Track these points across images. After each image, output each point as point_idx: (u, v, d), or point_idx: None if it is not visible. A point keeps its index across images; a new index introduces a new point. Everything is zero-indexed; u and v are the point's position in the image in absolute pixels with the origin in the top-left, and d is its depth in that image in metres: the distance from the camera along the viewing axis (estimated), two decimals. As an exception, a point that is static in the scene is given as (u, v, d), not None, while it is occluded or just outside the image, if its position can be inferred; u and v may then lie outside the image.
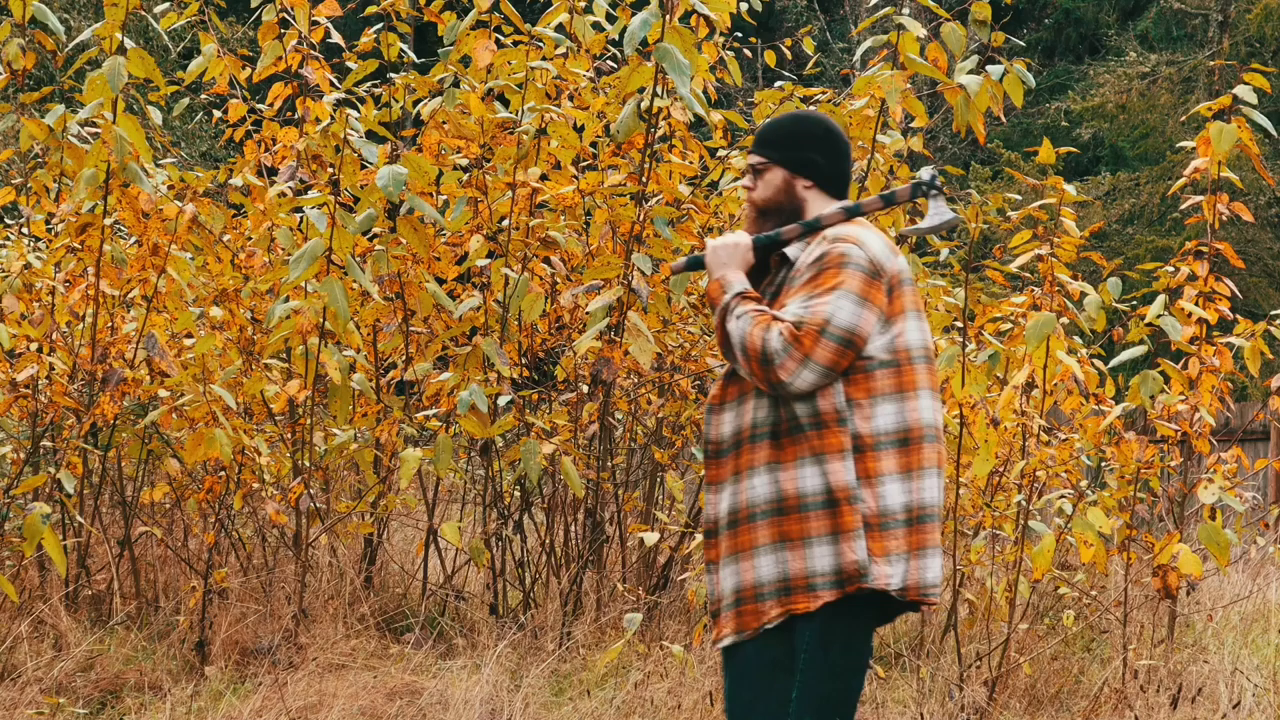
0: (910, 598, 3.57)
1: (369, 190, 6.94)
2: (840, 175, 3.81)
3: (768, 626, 3.55)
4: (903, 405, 3.60)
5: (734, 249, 3.71)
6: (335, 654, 6.47)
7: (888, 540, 3.53)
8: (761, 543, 3.55)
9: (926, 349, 3.68)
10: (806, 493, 3.52)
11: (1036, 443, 6.94)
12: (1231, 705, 6.22)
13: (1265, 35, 19.71)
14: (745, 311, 3.58)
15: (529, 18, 8.31)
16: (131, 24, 7.73)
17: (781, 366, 3.50)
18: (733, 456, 3.63)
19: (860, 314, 3.55)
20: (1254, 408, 13.50)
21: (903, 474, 3.57)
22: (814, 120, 3.83)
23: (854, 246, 3.60)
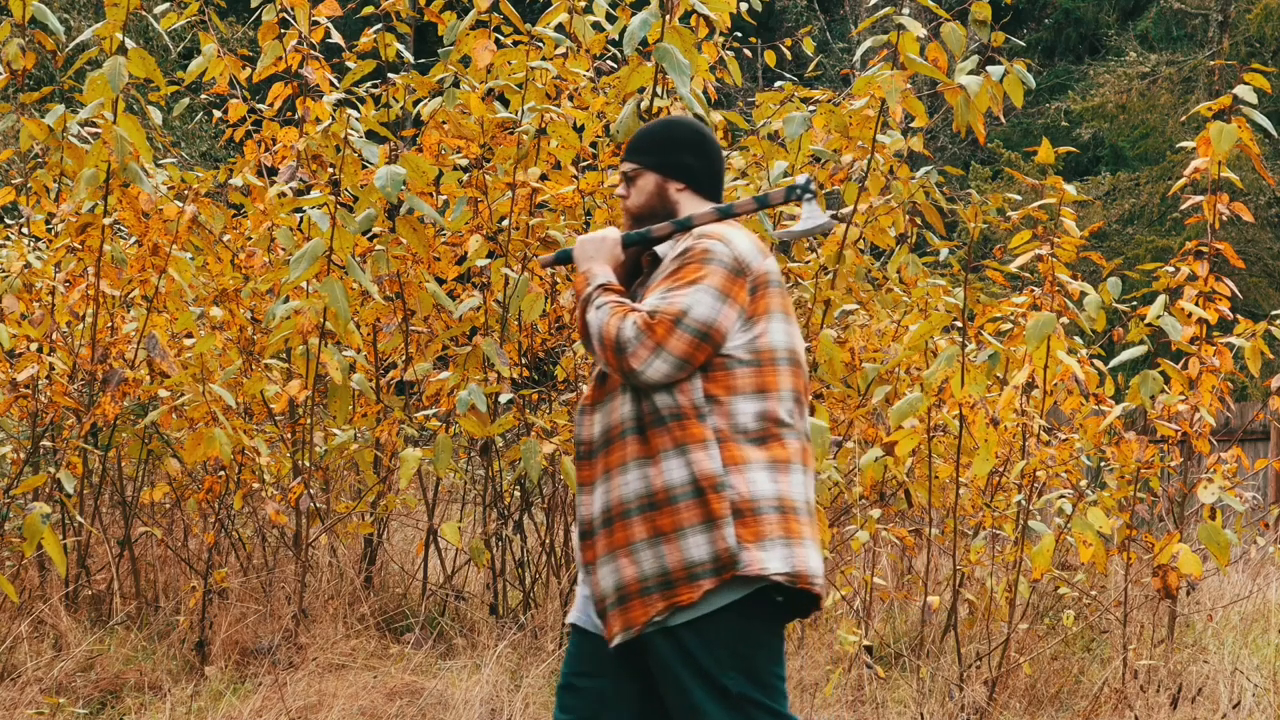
0: (801, 585, 3.55)
1: (369, 190, 6.94)
2: (713, 178, 3.83)
3: (655, 620, 3.53)
4: (764, 405, 3.59)
5: (601, 243, 3.73)
6: (335, 654, 6.47)
7: (760, 526, 3.52)
8: (638, 538, 3.54)
9: (791, 350, 3.67)
10: (674, 484, 3.51)
11: (1036, 443, 6.94)
12: (1231, 705, 6.22)
13: (1265, 35, 19.72)
14: (605, 302, 3.59)
15: (529, 18, 8.31)
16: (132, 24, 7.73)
17: (634, 354, 3.50)
18: (603, 455, 3.62)
19: (719, 309, 3.55)
20: (1254, 408, 13.51)
21: (770, 464, 3.57)
22: (685, 125, 3.85)
23: (719, 243, 3.61)
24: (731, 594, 3.52)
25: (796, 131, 6.86)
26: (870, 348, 7.90)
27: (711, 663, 3.52)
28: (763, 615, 3.57)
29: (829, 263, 7.36)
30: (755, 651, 3.56)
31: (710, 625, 3.52)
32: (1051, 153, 6.48)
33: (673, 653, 3.54)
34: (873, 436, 7.77)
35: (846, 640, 5.99)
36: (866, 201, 7.40)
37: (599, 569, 3.61)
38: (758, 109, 7.70)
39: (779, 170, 7.12)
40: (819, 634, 6.87)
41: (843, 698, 6.14)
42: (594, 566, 3.62)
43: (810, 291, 7.45)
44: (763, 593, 3.54)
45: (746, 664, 3.55)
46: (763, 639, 3.59)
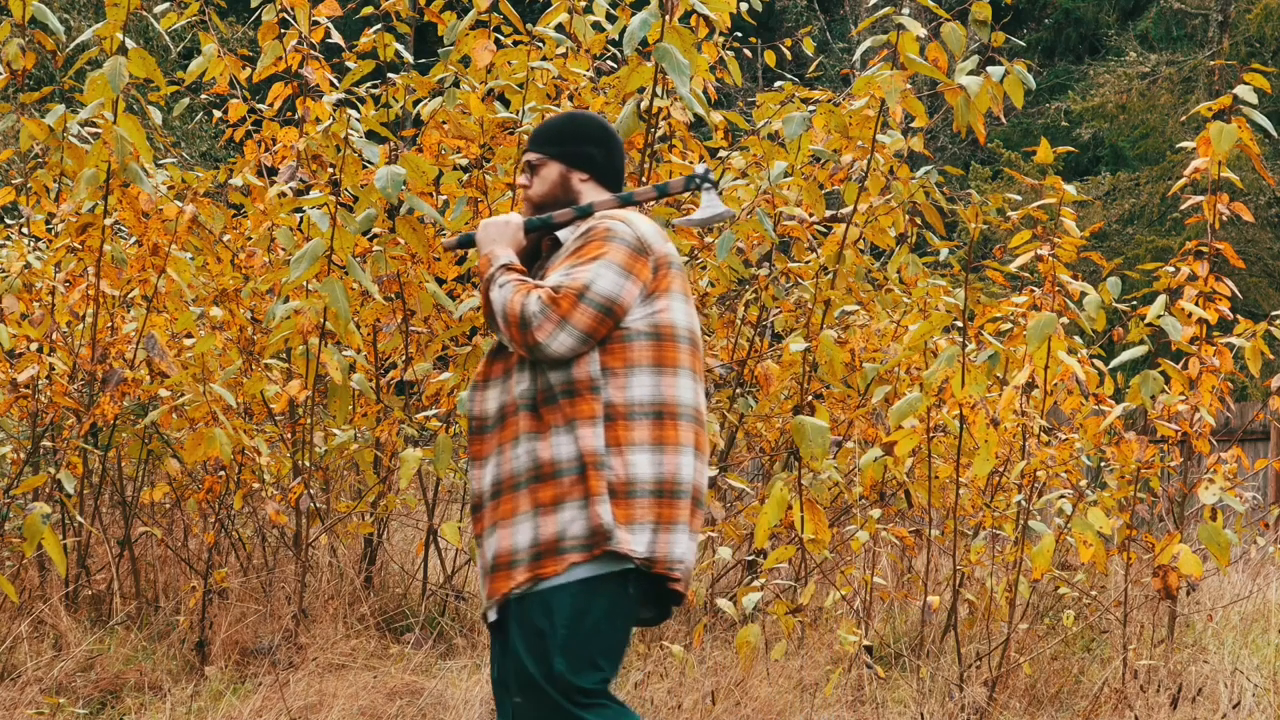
0: (658, 570, 3.58)
1: (369, 190, 6.94)
2: (614, 170, 3.90)
3: (516, 590, 3.56)
4: (659, 379, 3.63)
5: (504, 227, 3.77)
6: (335, 654, 6.47)
7: (633, 508, 3.56)
8: (521, 510, 3.59)
9: (691, 331, 3.72)
10: (560, 459, 3.56)
11: (1036, 443, 6.94)
12: (1231, 705, 6.22)
13: (1265, 35, 19.71)
14: (508, 280, 3.64)
15: (529, 18, 8.31)
16: (132, 24, 7.73)
17: (539, 328, 3.55)
18: (497, 431, 3.67)
19: (622, 284, 3.61)
20: (1254, 408, 13.50)
21: (654, 446, 3.60)
22: (589, 118, 3.93)
23: (620, 224, 3.68)
24: (591, 570, 3.56)
25: (796, 131, 6.86)
26: (870, 348, 7.90)
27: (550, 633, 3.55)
28: (611, 596, 3.59)
29: (829, 263, 7.36)
30: (598, 629, 3.59)
31: (562, 596, 3.56)
32: (1051, 153, 6.48)
33: (516, 618, 3.59)
34: (873, 436, 7.77)
35: (846, 640, 5.99)
36: (866, 201, 7.40)
37: (485, 540, 3.66)
38: (758, 109, 7.69)
39: (779, 170, 7.12)
40: (819, 634, 6.87)
41: (843, 698, 6.14)
42: (482, 539, 3.67)
43: (810, 291, 7.45)
44: (619, 576, 3.58)
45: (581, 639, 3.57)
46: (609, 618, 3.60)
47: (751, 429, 8.21)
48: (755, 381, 7.70)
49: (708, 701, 5.92)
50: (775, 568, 6.58)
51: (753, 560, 7.51)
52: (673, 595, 3.70)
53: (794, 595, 7.22)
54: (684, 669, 6.21)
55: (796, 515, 6.10)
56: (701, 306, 8.15)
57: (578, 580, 3.56)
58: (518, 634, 3.59)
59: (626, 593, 3.61)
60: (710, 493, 7.34)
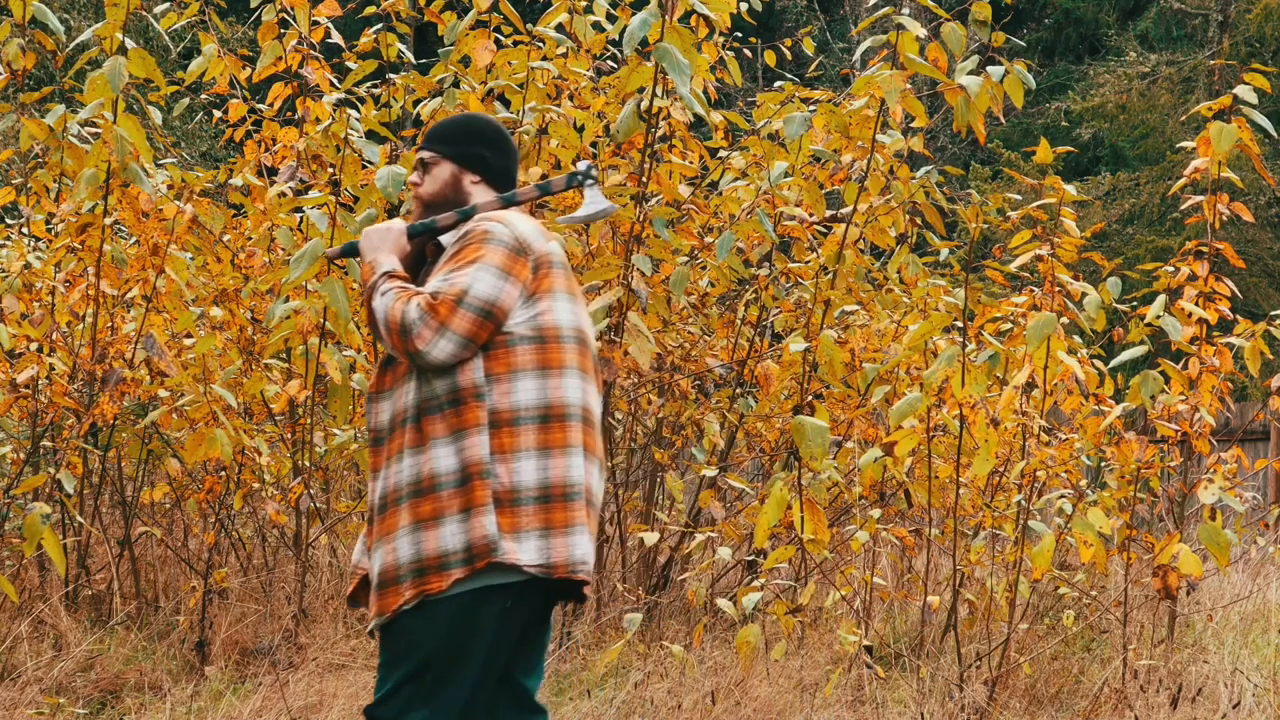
0: (559, 575, 3.57)
1: (369, 190, 6.94)
2: (506, 172, 3.88)
3: (405, 607, 3.55)
4: (545, 382, 3.61)
5: (387, 233, 3.76)
6: (335, 654, 6.47)
7: (519, 516, 3.54)
8: (402, 525, 3.57)
9: (578, 330, 3.69)
10: (440, 473, 3.54)
11: (1036, 443, 6.94)
12: (1231, 705, 6.22)
13: (1265, 35, 19.71)
14: (390, 288, 3.62)
15: (529, 18, 8.31)
16: (132, 24, 7.73)
17: (419, 336, 3.53)
18: (388, 443, 3.66)
19: (501, 286, 3.59)
20: (1254, 408, 13.50)
21: (541, 451, 3.58)
22: (483, 120, 3.92)
23: (498, 225, 3.66)
24: (477, 582, 3.54)
25: (796, 132, 6.86)
26: (870, 348, 7.90)
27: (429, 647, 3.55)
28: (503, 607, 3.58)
29: (829, 263, 7.37)
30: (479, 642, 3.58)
31: (440, 612, 3.55)
32: (1051, 153, 6.48)
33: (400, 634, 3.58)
34: (873, 436, 7.77)
35: (846, 640, 5.99)
36: (866, 201, 7.40)
37: (373, 554, 3.65)
38: (758, 109, 7.69)
39: (779, 170, 7.12)
40: (819, 634, 6.87)
41: (843, 698, 6.14)
42: (371, 553, 3.67)
43: (810, 291, 7.45)
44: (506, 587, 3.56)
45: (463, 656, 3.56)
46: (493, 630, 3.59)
47: (751, 429, 8.21)
48: (755, 381, 7.70)
49: (708, 701, 5.92)
50: (775, 568, 6.58)
51: (753, 560, 7.51)
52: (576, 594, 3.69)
53: (794, 595, 7.22)
54: (684, 669, 6.21)
55: (796, 515, 6.10)
56: (701, 306, 8.15)
57: (461, 594, 3.54)
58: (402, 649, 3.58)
59: (514, 604, 3.59)
60: (710, 492, 7.35)
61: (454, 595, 3.54)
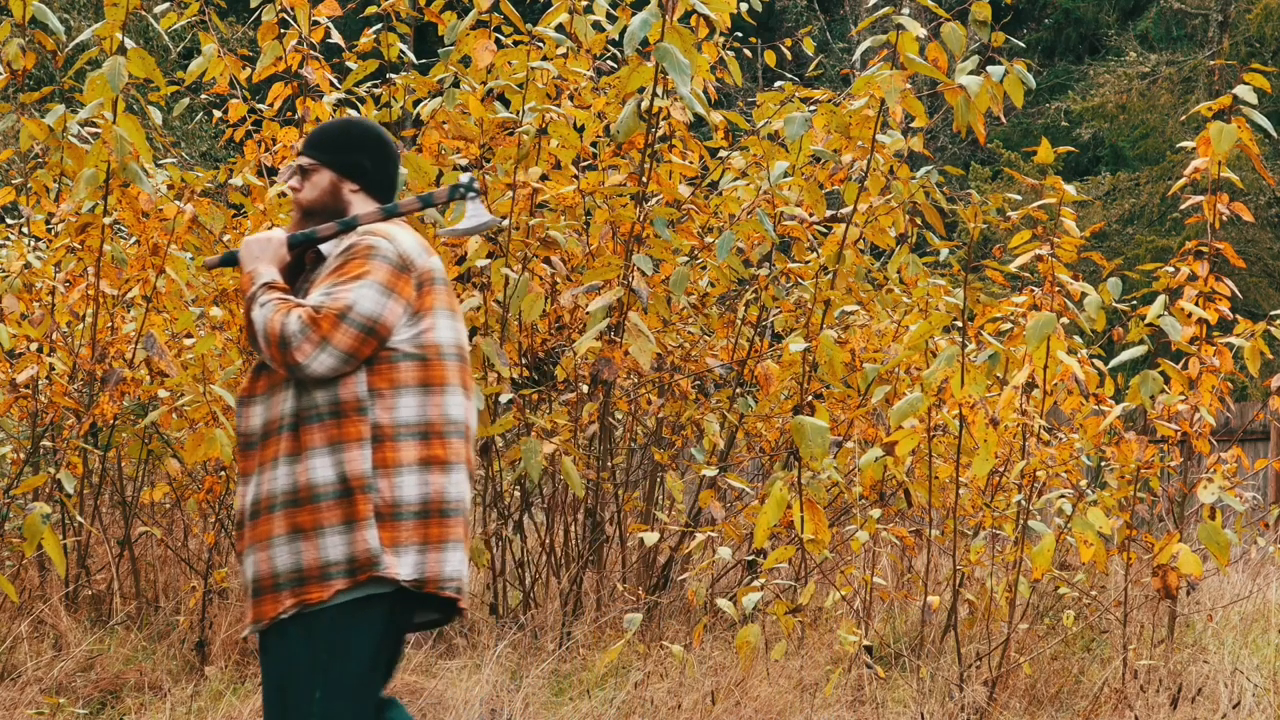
0: (428, 590, 3.59)
1: (369, 190, 6.92)
2: (386, 181, 3.87)
3: (283, 616, 3.56)
4: (427, 399, 3.63)
5: (267, 244, 3.75)
6: (335, 654, 6.47)
7: (399, 531, 3.56)
8: (277, 533, 3.57)
9: (459, 347, 3.72)
10: (318, 483, 3.54)
11: (1036, 443, 6.94)
12: (1231, 705, 6.22)
13: (1265, 35, 19.71)
14: (270, 299, 3.62)
15: (529, 18, 8.31)
16: (132, 24, 7.73)
17: (299, 349, 3.53)
18: (260, 449, 3.65)
19: (384, 303, 3.59)
20: (1254, 408, 13.50)
21: (422, 466, 3.60)
22: (365, 127, 3.90)
23: (383, 240, 3.66)
24: (354, 593, 3.56)
25: (797, 132, 6.86)
26: (870, 348, 7.90)
27: (308, 657, 3.56)
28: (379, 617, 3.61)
29: (829, 263, 7.37)
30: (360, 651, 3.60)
31: (319, 621, 3.57)
32: (1051, 153, 6.48)
33: (278, 642, 3.60)
34: (873, 436, 7.77)
35: (846, 640, 5.99)
36: (866, 201, 7.40)
37: (245, 559, 3.66)
38: (758, 109, 7.69)
39: (779, 170, 7.12)
40: (819, 634, 6.87)
41: (843, 698, 6.14)
42: (243, 557, 3.67)
43: (810, 291, 7.45)
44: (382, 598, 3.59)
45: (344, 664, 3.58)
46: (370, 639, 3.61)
47: (751, 429, 8.21)
48: (755, 381, 7.70)
49: (708, 701, 5.92)
50: (775, 568, 6.58)
51: (753, 560, 7.51)
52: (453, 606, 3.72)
53: (794, 595, 7.22)
54: (684, 669, 6.21)
55: (796, 515, 6.10)
56: (701, 306, 8.15)
57: (339, 605, 3.56)
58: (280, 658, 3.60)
59: (390, 614, 3.62)
60: (710, 492, 7.35)
61: (332, 606, 3.56)
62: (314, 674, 3.56)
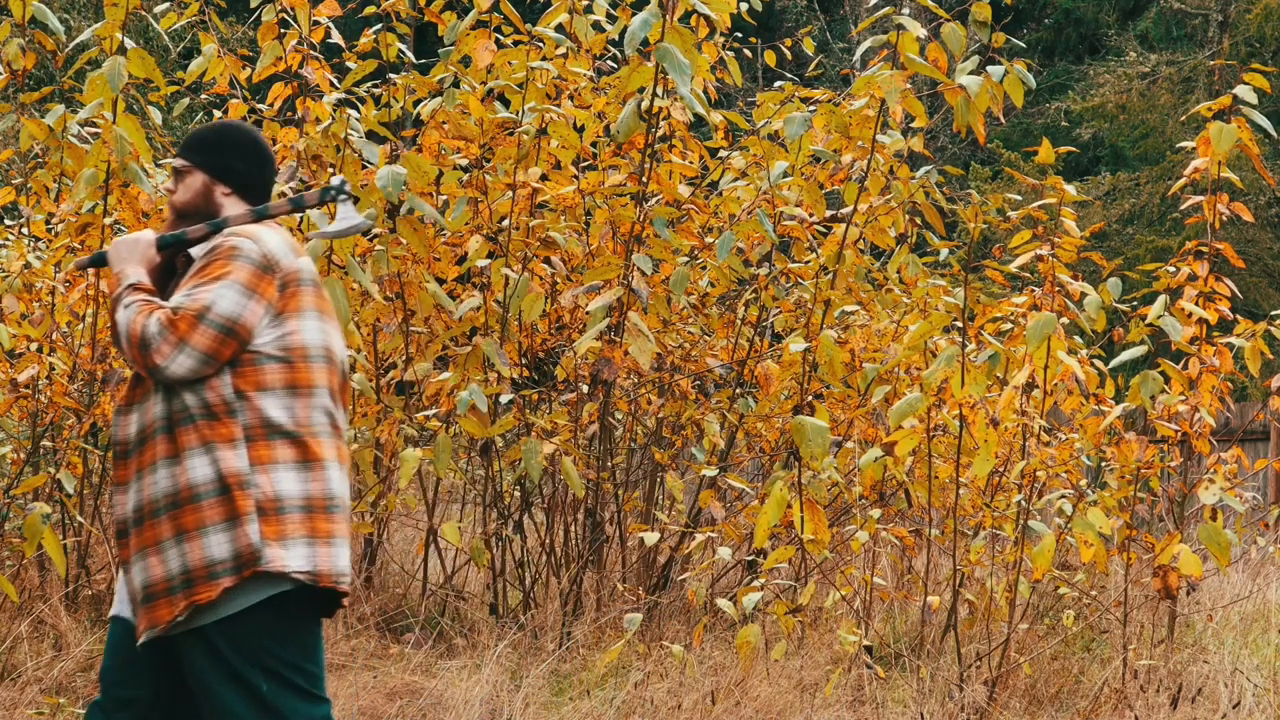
0: (323, 584, 3.61)
1: (369, 190, 6.94)
2: (260, 184, 3.89)
3: (179, 619, 3.56)
4: (295, 401, 3.64)
5: (135, 245, 3.76)
6: (335, 654, 6.47)
7: (284, 525, 3.57)
8: (165, 537, 3.57)
9: (326, 349, 3.72)
10: (198, 483, 3.55)
11: (1037, 443, 6.94)
12: (1231, 705, 6.22)
13: (1265, 35, 19.71)
14: (134, 301, 3.62)
15: (529, 18, 8.31)
16: (131, 24, 7.73)
17: (157, 351, 3.54)
18: (137, 455, 3.65)
19: (245, 304, 3.60)
20: (1254, 408, 13.50)
21: (300, 464, 3.62)
22: (240, 130, 3.92)
23: (247, 241, 3.66)
24: (258, 593, 3.57)
25: (796, 131, 6.86)
26: (870, 348, 7.90)
27: (240, 662, 3.57)
28: (292, 613, 3.62)
29: (829, 263, 7.37)
30: (285, 649, 3.61)
31: (238, 624, 3.57)
32: (1051, 153, 6.48)
33: (201, 653, 3.59)
34: (873, 436, 7.77)
35: (846, 640, 5.99)
36: (866, 201, 7.40)
37: (133, 566, 3.65)
38: (758, 109, 7.69)
39: (779, 170, 7.12)
40: (819, 634, 6.87)
41: (843, 698, 6.14)
42: (129, 564, 3.66)
43: (810, 291, 7.45)
44: (293, 591, 3.60)
45: (276, 662, 3.59)
46: (293, 636, 3.63)
47: (751, 429, 8.21)
48: (755, 381, 7.70)
49: (708, 701, 5.92)
50: (775, 568, 6.58)
51: (753, 560, 7.51)
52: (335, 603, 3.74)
53: (794, 595, 7.22)
54: (684, 669, 6.21)
55: (796, 515, 6.10)
56: (701, 306, 8.15)
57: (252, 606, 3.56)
58: (207, 665, 3.58)
59: (299, 610, 3.63)
60: (710, 492, 7.35)
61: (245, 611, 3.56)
62: (258, 678, 3.57)
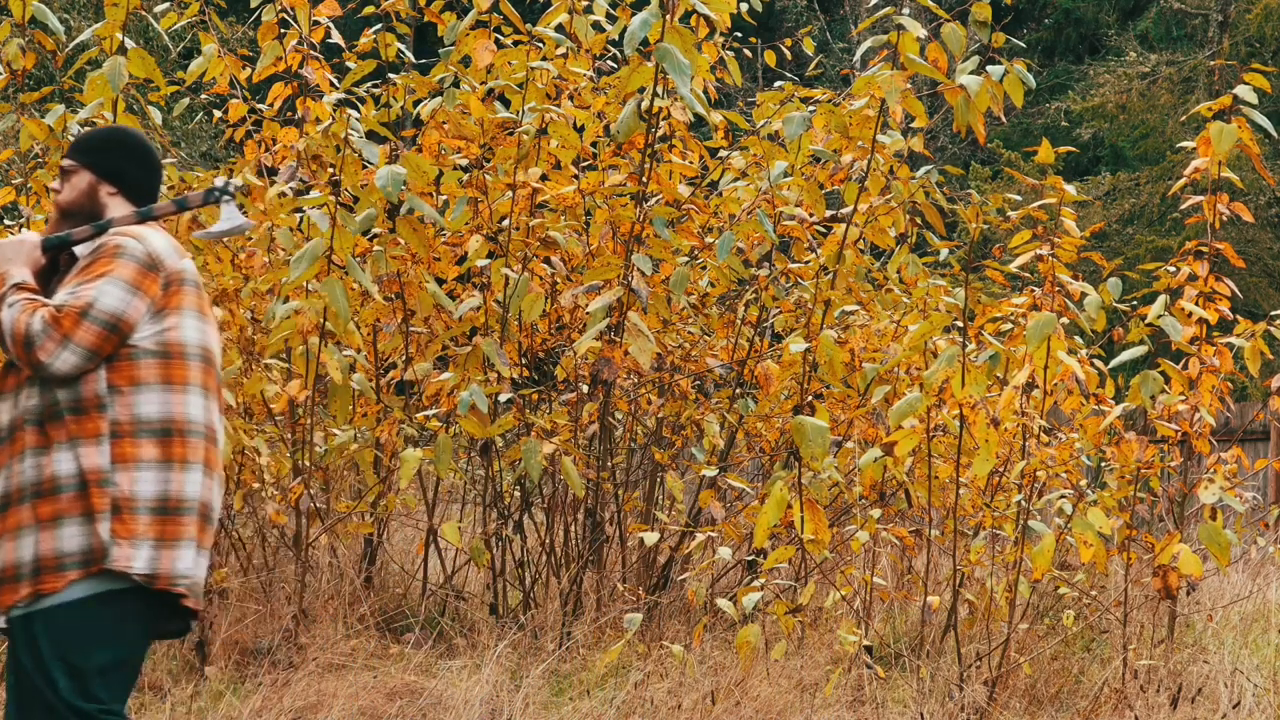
0: (159, 586, 3.65)
1: (369, 190, 6.94)
2: (146, 187, 3.93)
3: (19, 605, 3.62)
4: (168, 397, 3.69)
5: (20, 246, 3.80)
6: (335, 654, 6.47)
7: (134, 525, 3.62)
8: (25, 524, 3.64)
9: (204, 349, 3.77)
10: (61, 476, 3.62)
11: (1037, 443, 6.94)
12: (1231, 705, 6.22)
13: (1265, 35, 19.71)
14: (18, 300, 3.68)
15: (529, 18, 8.31)
16: (132, 24, 7.73)
17: (41, 348, 3.60)
18: (8, 444, 3.72)
19: (128, 300, 3.66)
20: (1254, 408, 13.50)
21: (161, 463, 3.67)
22: (128, 133, 3.99)
23: (132, 240, 3.72)
24: (95, 587, 3.62)
25: (796, 131, 6.85)
26: (870, 348, 7.90)
27: (52, 651, 3.62)
28: (120, 613, 3.66)
29: (829, 263, 7.37)
30: (100, 649, 3.65)
31: (63, 614, 3.63)
32: (1051, 153, 6.48)
33: (23, 636, 3.65)
34: (873, 436, 7.77)
35: (846, 640, 5.99)
36: (866, 201, 7.40)
37: None
38: (758, 109, 7.69)
39: (779, 170, 7.12)
40: (819, 634, 6.87)
41: (843, 698, 6.14)
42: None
43: (810, 291, 7.45)
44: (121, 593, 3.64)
45: (89, 657, 3.63)
46: (112, 638, 3.67)
47: (751, 429, 8.21)
48: (755, 381, 7.70)
49: (708, 701, 5.92)
50: (775, 568, 6.58)
51: (753, 560, 7.51)
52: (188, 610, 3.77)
53: (794, 595, 7.22)
54: (684, 669, 6.21)
55: (796, 515, 6.10)
56: (701, 306, 8.15)
57: (79, 599, 3.62)
58: (25, 652, 3.65)
59: (131, 609, 3.67)
60: (710, 492, 7.35)
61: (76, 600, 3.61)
62: (59, 670, 3.61)
